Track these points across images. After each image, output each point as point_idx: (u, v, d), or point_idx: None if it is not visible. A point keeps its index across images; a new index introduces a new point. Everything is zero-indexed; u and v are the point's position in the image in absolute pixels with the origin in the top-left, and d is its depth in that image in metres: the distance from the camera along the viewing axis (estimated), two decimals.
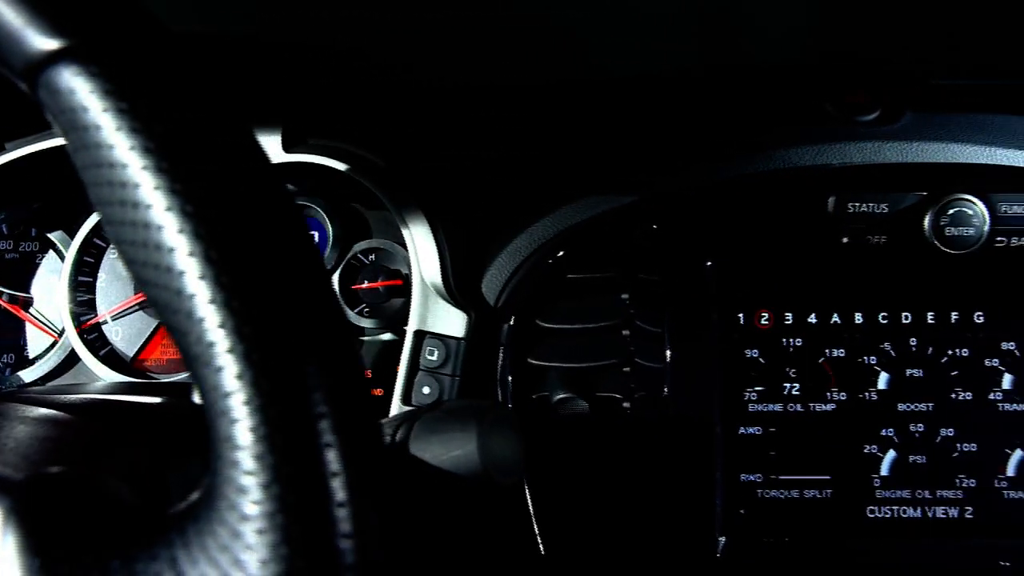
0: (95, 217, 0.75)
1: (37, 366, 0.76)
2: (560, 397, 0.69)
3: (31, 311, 0.78)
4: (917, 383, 0.67)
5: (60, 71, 0.25)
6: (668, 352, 0.69)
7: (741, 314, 0.69)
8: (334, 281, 0.74)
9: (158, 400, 0.49)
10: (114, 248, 0.27)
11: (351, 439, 0.25)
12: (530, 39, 0.55)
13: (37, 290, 0.79)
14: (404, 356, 0.67)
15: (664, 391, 0.69)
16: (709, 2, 0.48)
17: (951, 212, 0.65)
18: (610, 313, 0.70)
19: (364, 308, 0.75)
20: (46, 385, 0.76)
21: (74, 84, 0.25)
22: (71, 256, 0.75)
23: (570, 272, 0.70)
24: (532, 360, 0.70)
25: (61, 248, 0.77)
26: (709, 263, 0.69)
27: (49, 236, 0.78)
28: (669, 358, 0.69)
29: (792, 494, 0.67)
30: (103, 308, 0.77)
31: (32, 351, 0.78)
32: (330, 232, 0.74)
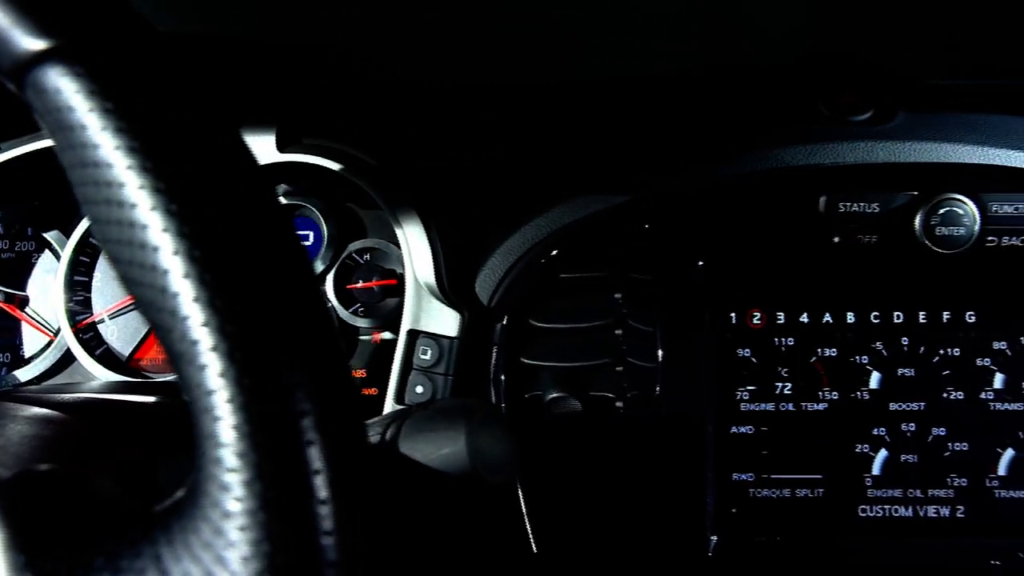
0: None
1: (33, 365, 0.76)
2: (553, 396, 0.69)
3: (27, 310, 0.78)
4: (909, 382, 0.68)
5: (47, 71, 0.25)
6: (660, 352, 0.69)
7: (733, 313, 0.69)
8: (329, 281, 0.74)
9: (152, 399, 0.49)
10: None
11: (334, 437, 0.25)
12: (529, 39, 0.55)
13: (33, 289, 0.79)
14: (397, 355, 0.67)
15: (656, 390, 0.69)
16: (709, 2, 0.48)
17: (942, 212, 0.65)
18: (603, 313, 0.70)
19: (359, 308, 0.75)
20: (41, 384, 0.76)
21: (60, 84, 0.25)
22: (67, 255, 0.75)
23: (563, 272, 0.70)
24: (525, 359, 0.70)
25: (57, 248, 0.77)
26: (701, 263, 0.69)
27: (45, 236, 0.78)
28: (661, 357, 0.69)
29: (784, 493, 0.67)
30: (99, 307, 0.77)
31: (28, 350, 0.78)
32: (325, 232, 0.74)
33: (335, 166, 0.67)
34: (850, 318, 0.68)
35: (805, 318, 0.69)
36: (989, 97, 0.66)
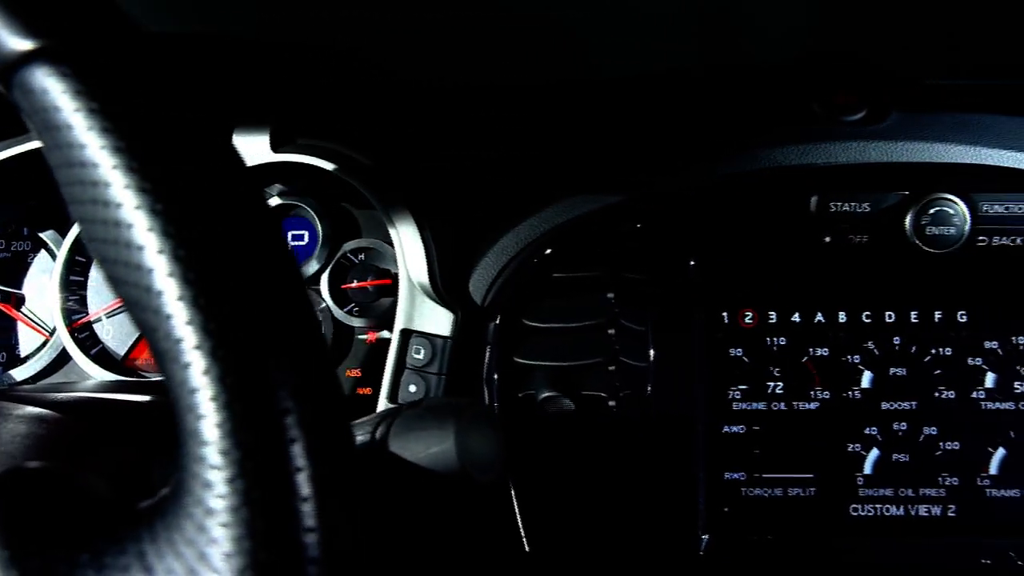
0: None
1: (28, 364, 0.76)
2: (545, 396, 0.69)
3: (23, 310, 0.79)
4: (900, 382, 0.68)
5: (33, 71, 0.26)
6: (652, 351, 0.69)
7: (725, 313, 0.69)
8: (324, 280, 0.74)
9: (147, 398, 0.50)
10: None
11: (316, 435, 0.25)
12: (529, 39, 0.55)
13: (29, 289, 0.79)
14: (391, 355, 0.67)
15: (648, 390, 0.69)
16: (709, 2, 0.48)
17: (932, 212, 0.65)
18: (595, 312, 0.70)
19: (354, 307, 0.75)
20: (36, 384, 0.76)
21: (47, 84, 0.25)
22: (62, 255, 0.75)
23: (556, 271, 0.71)
24: (518, 359, 0.71)
25: (53, 247, 0.78)
26: (693, 262, 0.69)
27: (41, 235, 0.78)
28: (653, 357, 0.69)
29: (776, 492, 0.68)
30: (94, 307, 0.77)
31: (24, 349, 0.79)
32: (320, 232, 0.74)
33: (329, 166, 0.67)
34: (842, 317, 0.69)
35: (797, 317, 0.69)
36: (983, 97, 0.66)
